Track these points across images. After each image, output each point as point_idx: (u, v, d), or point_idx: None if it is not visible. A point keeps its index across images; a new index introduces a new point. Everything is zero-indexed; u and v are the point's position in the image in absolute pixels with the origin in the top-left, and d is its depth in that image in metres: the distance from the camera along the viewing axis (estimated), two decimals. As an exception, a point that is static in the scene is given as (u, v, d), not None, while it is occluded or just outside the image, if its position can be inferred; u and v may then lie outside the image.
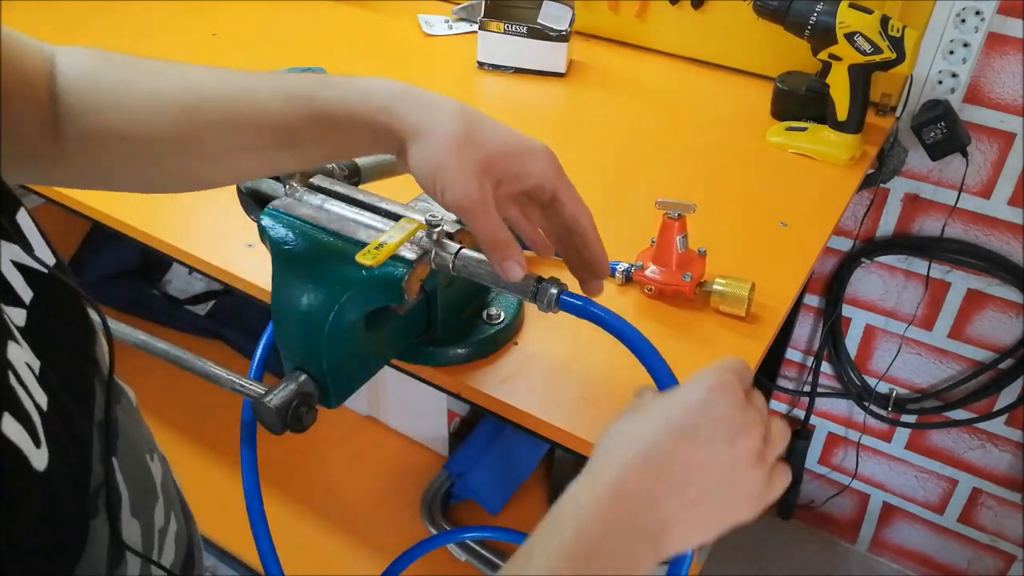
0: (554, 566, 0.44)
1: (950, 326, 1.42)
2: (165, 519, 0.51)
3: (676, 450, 0.46)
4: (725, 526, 0.47)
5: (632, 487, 0.45)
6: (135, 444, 0.49)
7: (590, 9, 1.39)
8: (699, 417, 0.47)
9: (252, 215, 0.74)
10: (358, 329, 0.64)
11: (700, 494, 0.45)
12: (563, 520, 0.45)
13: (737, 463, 0.46)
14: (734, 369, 0.49)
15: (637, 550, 0.45)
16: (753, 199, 1.04)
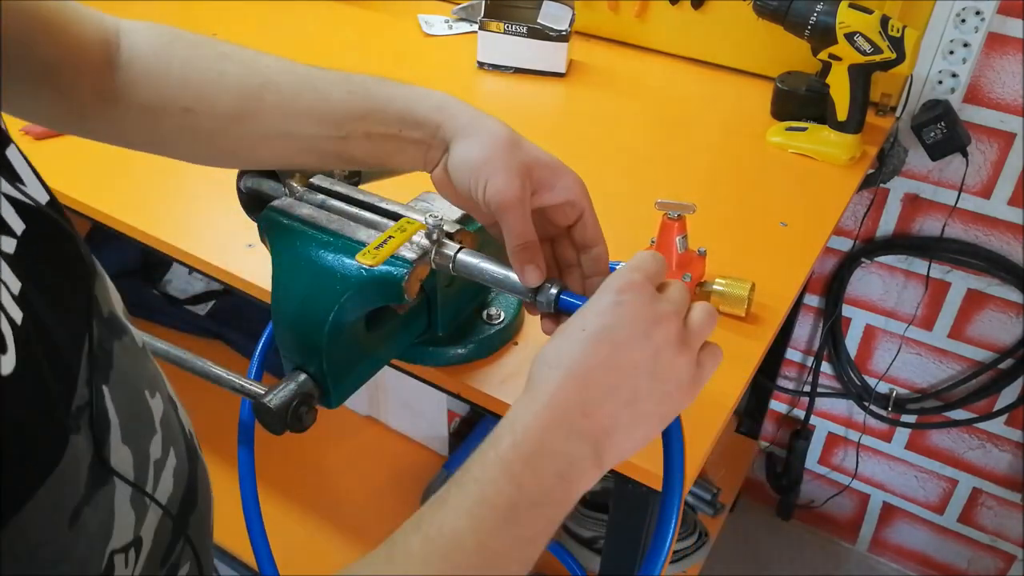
0: (491, 475, 0.45)
1: (950, 326, 1.42)
2: (163, 452, 0.52)
3: (597, 357, 0.47)
4: (666, 419, 0.49)
5: (563, 399, 0.46)
6: (132, 378, 0.50)
7: (590, 9, 1.39)
8: (612, 319, 0.48)
9: (252, 215, 0.74)
10: (358, 329, 0.64)
11: (631, 393, 0.47)
12: (500, 436, 0.46)
13: (660, 355, 0.48)
14: (641, 267, 0.51)
15: (575, 455, 0.46)
16: (753, 199, 1.04)
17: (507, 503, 0.44)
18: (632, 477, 0.68)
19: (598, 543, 1.45)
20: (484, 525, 0.44)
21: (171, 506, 0.52)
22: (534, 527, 0.45)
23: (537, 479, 0.45)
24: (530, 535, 0.45)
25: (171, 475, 0.52)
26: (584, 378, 0.47)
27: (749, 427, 1.72)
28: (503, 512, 0.44)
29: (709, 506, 1.52)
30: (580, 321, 0.49)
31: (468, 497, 0.45)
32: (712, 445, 0.69)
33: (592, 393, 0.47)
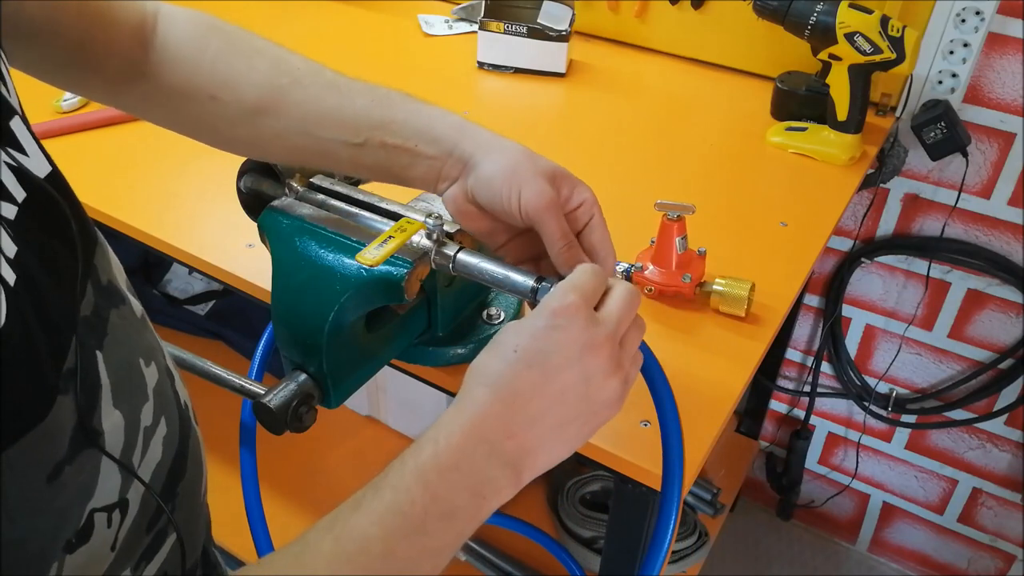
0: (406, 484, 0.45)
1: (950, 326, 1.42)
2: (154, 420, 0.52)
3: (527, 381, 0.47)
4: (590, 435, 0.51)
5: (488, 419, 0.47)
6: (127, 346, 0.51)
7: (590, 9, 1.39)
8: (545, 344, 0.48)
9: (252, 215, 0.74)
10: (358, 329, 0.64)
11: (558, 419, 0.48)
12: (421, 446, 0.47)
13: (591, 380, 0.48)
14: (579, 287, 0.50)
15: (493, 474, 0.47)
16: (753, 199, 1.04)
17: (418, 513, 0.45)
18: (632, 477, 0.68)
19: (598, 543, 1.45)
20: (393, 533, 0.44)
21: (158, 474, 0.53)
22: (443, 539, 0.46)
23: (451, 493, 0.46)
24: (438, 546, 0.46)
25: (160, 443, 0.53)
26: (511, 401, 0.47)
27: (749, 427, 1.72)
28: (413, 522, 0.45)
29: (709, 506, 1.52)
30: (514, 340, 0.49)
31: (381, 503, 0.45)
32: (712, 445, 0.69)
33: (518, 417, 0.47)
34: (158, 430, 0.53)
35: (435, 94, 1.27)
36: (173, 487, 0.55)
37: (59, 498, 0.42)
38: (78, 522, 0.44)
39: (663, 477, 0.55)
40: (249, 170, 0.73)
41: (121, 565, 0.49)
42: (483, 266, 0.60)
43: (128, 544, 0.49)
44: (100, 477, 0.46)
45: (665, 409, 0.56)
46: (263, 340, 0.75)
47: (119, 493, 0.48)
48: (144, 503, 0.50)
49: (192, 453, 0.58)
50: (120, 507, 0.48)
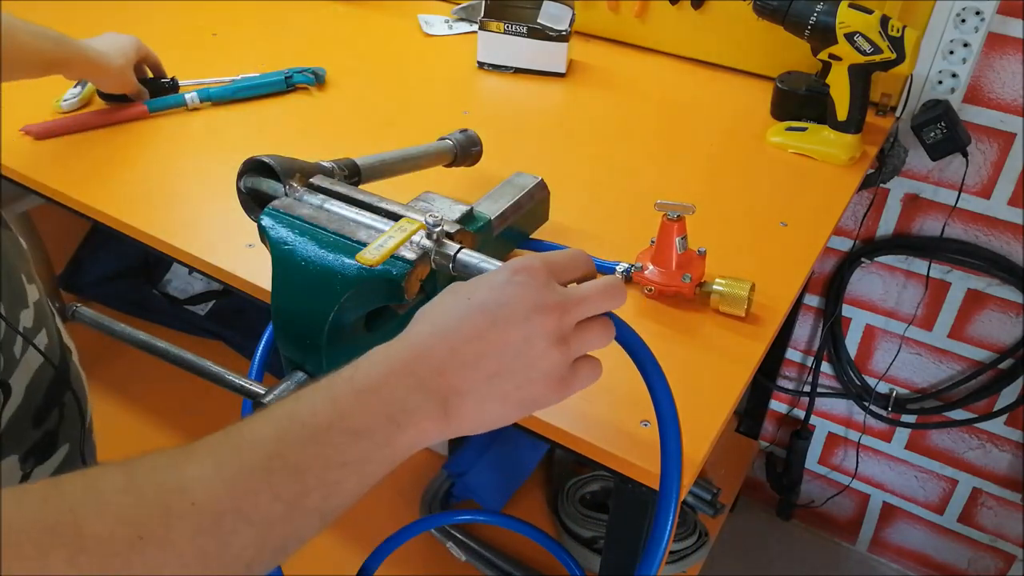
0: (313, 398, 0.44)
1: (950, 326, 1.42)
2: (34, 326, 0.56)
3: (473, 327, 0.47)
4: (525, 406, 0.49)
5: (423, 354, 0.47)
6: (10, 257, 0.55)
7: (590, 9, 1.39)
8: (499, 295, 0.48)
9: (252, 215, 0.74)
10: (358, 329, 0.64)
11: (493, 368, 0.47)
12: (341, 371, 0.46)
13: (533, 340, 0.48)
14: (548, 258, 0.51)
15: (413, 404, 0.46)
16: (753, 199, 1.04)
17: (320, 423, 0.43)
18: (632, 477, 0.68)
19: (598, 543, 1.45)
20: (288, 436, 0.42)
21: (40, 376, 0.56)
22: (346, 453, 0.43)
23: (362, 412, 0.44)
24: (340, 460, 0.43)
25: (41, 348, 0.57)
26: (452, 342, 0.47)
27: (749, 427, 1.72)
28: (312, 430, 0.43)
29: (709, 506, 1.52)
30: (469, 289, 0.50)
31: (281, 409, 0.44)
32: (712, 445, 0.69)
33: (455, 358, 0.47)
34: (38, 337, 0.56)
35: (435, 94, 1.27)
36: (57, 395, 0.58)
37: None
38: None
39: (661, 477, 0.55)
40: (249, 170, 0.73)
41: (8, 447, 0.52)
42: (483, 266, 0.60)
43: (14, 428, 0.52)
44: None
45: (664, 409, 0.56)
46: (263, 340, 0.75)
47: (1, 374, 0.50)
48: (28, 396, 0.53)
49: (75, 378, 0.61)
50: (3, 387, 0.51)
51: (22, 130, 1.09)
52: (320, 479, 0.42)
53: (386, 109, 1.22)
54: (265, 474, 0.41)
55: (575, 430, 0.70)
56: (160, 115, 1.17)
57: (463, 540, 1.47)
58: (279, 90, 1.23)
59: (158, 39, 1.28)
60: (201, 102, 1.18)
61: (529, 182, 0.87)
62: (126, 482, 0.38)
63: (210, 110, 1.19)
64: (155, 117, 1.17)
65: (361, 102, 1.24)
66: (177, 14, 1.48)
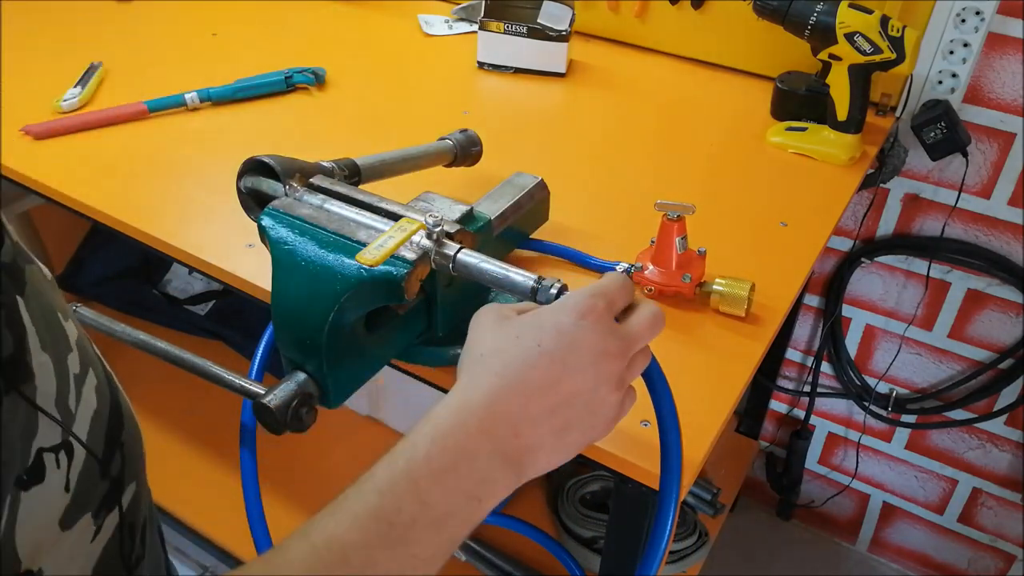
0: (395, 489, 0.43)
1: (950, 326, 1.42)
2: (81, 369, 0.53)
3: (545, 377, 0.46)
4: (582, 447, 0.49)
5: (498, 412, 0.45)
6: (45, 298, 0.51)
7: (590, 9, 1.39)
8: (568, 342, 0.47)
9: (252, 215, 0.74)
10: (358, 329, 0.64)
11: (564, 421, 0.47)
12: (415, 443, 0.44)
13: (599, 387, 0.47)
14: (606, 293, 0.50)
15: (494, 476, 0.45)
16: (753, 199, 1.04)
17: (406, 521, 0.42)
18: (632, 477, 0.68)
19: (598, 543, 1.45)
20: (376, 541, 0.41)
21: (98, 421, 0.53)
22: (431, 548, 0.43)
23: (446, 498, 0.43)
24: (427, 556, 0.43)
25: (93, 392, 0.53)
26: (527, 395, 0.46)
27: (749, 427, 1.72)
28: (400, 531, 0.41)
29: (709, 506, 1.52)
30: (535, 334, 0.48)
31: (365, 508, 0.42)
32: (712, 445, 0.69)
33: (528, 413, 0.45)
34: (87, 379, 0.53)
35: (435, 94, 1.27)
36: (116, 436, 0.55)
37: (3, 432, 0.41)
38: (26, 460, 0.45)
39: (661, 477, 0.55)
40: (249, 170, 0.73)
41: (80, 509, 0.50)
42: (483, 266, 0.60)
43: (83, 487, 0.50)
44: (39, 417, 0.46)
45: (664, 409, 0.56)
46: (263, 340, 0.75)
47: (61, 435, 0.48)
48: (91, 445, 0.51)
49: (125, 410, 0.58)
50: (65, 448, 0.49)
51: (22, 130, 1.09)
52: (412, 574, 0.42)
53: (386, 109, 1.22)
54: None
55: (575, 430, 0.70)
56: (160, 115, 1.17)
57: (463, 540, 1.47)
58: (279, 90, 1.23)
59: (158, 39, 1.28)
60: (201, 102, 1.18)
61: (529, 182, 0.87)
62: None
63: (210, 110, 1.19)
64: (155, 117, 1.17)
65: (361, 102, 1.24)
66: (177, 14, 1.48)
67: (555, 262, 0.90)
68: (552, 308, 0.50)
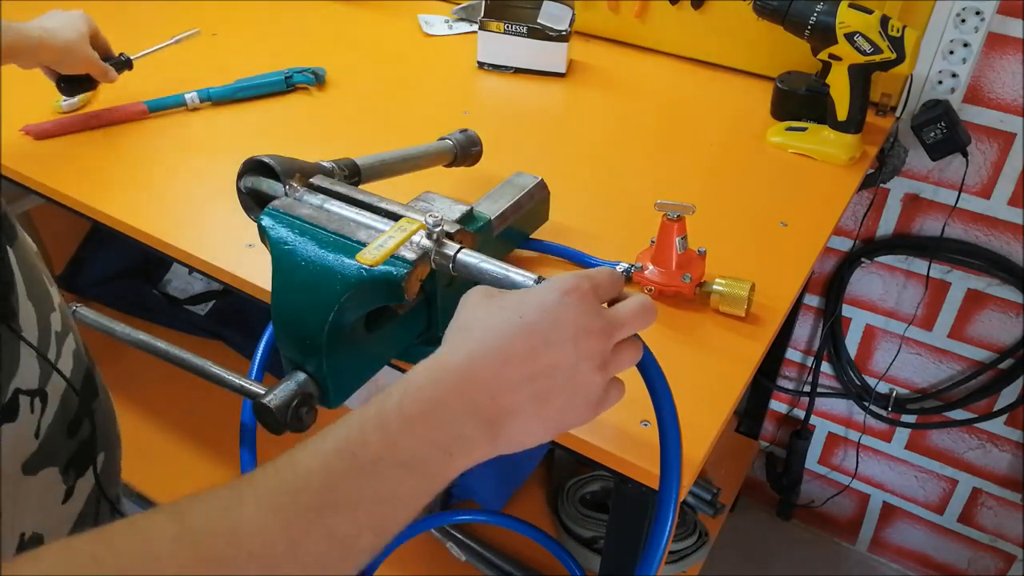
0: (364, 427, 0.43)
1: (950, 326, 1.42)
2: (63, 329, 0.54)
3: (525, 346, 0.47)
4: (563, 427, 0.49)
5: (473, 375, 0.46)
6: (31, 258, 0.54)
7: (590, 9, 1.39)
8: (550, 317, 0.48)
9: (252, 215, 0.74)
10: (358, 329, 0.64)
11: (543, 391, 0.47)
12: (390, 393, 0.45)
13: (580, 364, 0.48)
14: (594, 278, 0.51)
15: (466, 433, 0.45)
16: (753, 199, 1.04)
17: (372, 457, 0.42)
18: (632, 477, 0.68)
19: (598, 543, 1.45)
20: (338, 468, 0.42)
21: (74, 380, 0.55)
22: (397, 487, 0.43)
23: (415, 444, 0.43)
24: (391, 494, 0.43)
25: (71, 355, 0.55)
26: (505, 362, 0.46)
27: (749, 427, 1.72)
28: (363, 463, 0.42)
29: (709, 506, 1.52)
30: (518, 307, 0.49)
31: (332, 442, 0.43)
32: (712, 445, 0.69)
33: (506, 379, 0.46)
34: (67, 341, 0.55)
35: (435, 94, 1.27)
36: (88, 402, 0.57)
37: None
38: (3, 397, 0.48)
39: (661, 477, 0.55)
40: (249, 170, 0.73)
41: (48, 458, 0.52)
42: (483, 266, 0.60)
43: (51, 439, 0.52)
44: (21, 359, 0.49)
45: (664, 409, 0.56)
46: (263, 340, 0.75)
47: (39, 382, 0.51)
48: (64, 402, 0.53)
49: (100, 384, 0.60)
50: (40, 396, 0.51)
51: (22, 130, 1.09)
52: (371, 514, 0.42)
53: (386, 109, 1.22)
54: (318, 515, 0.40)
55: (575, 430, 0.70)
56: (160, 115, 1.17)
57: (463, 540, 1.47)
58: (279, 90, 1.23)
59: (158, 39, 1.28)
60: (201, 102, 1.18)
61: (529, 182, 0.87)
62: (177, 530, 0.37)
63: (210, 110, 1.19)
64: (155, 117, 1.17)
65: (361, 102, 1.24)
66: (177, 14, 1.48)
67: (555, 262, 0.90)
68: (538, 287, 0.51)
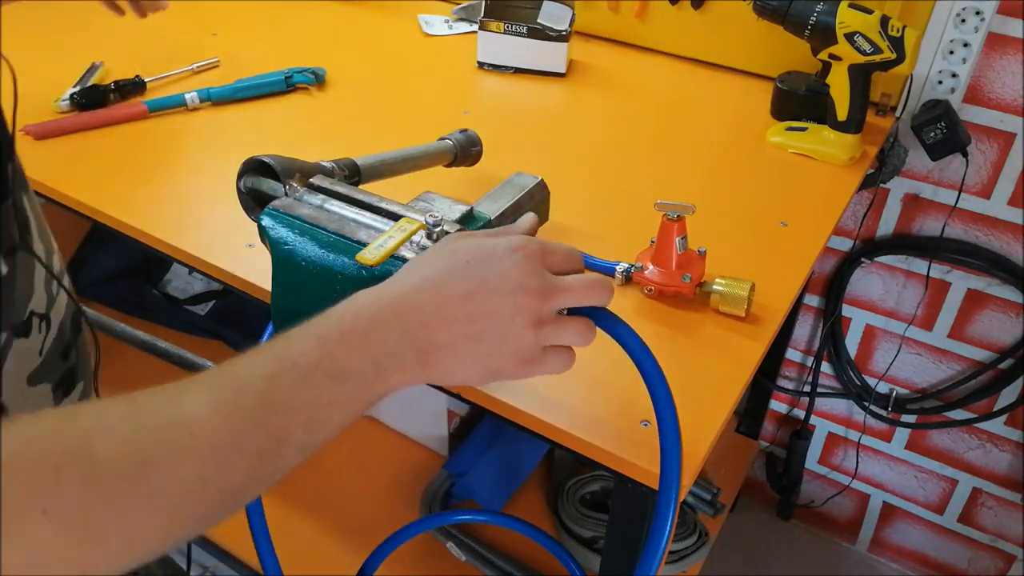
0: (303, 338, 0.47)
1: (950, 326, 1.42)
2: (59, 270, 0.62)
3: (464, 288, 0.50)
4: (493, 373, 0.51)
5: (412, 304, 0.49)
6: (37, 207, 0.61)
7: (590, 9, 1.39)
8: (496, 268, 0.51)
9: (252, 215, 0.74)
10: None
11: (475, 332, 0.49)
12: (330, 313, 0.49)
13: (515, 317, 0.50)
14: (545, 243, 0.54)
15: (397, 352, 0.48)
16: (753, 199, 1.04)
17: (309, 363, 0.45)
18: (632, 477, 0.68)
19: (598, 543, 1.45)
20: (279, 377, 0.45)
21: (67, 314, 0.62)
22: (332, 394, 0.46)
23: (348, 355, 0.46)
24: (326, 400, 0.46)
25: (64, 293, 0.62)
26: (442, 297, 0.49)
27: (749, 427, 1.72)
28: (302, 371, 0.45)
29: (709, 506, 1.52)
30: (465, 252, 0.52)
31: (275, 349, 0.46)
32: (712, 445, 0.69)
33: (442, 313, 0.49)
34: (64, 280, 0.62)
35: (435, 94, 1.28)
36: (75, 335, 0.64)
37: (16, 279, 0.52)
38: (21, 316, 0.55)
39: (661, 477, 0.55)
40: (249, 170, 0.73)
41: (46, 375, 0.59)
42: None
43: (49, 358, 0.59)
44: (35, 285, 0.57)
45: (664, 409, 0.56)
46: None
47: (45, 308, 0.59)
48: (60, 329, 0.62)
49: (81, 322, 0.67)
50: (46, 320, 0.59)
51: (22, 130, 1.09)
52: (308, 417, 0.45)
53: (386, 109, 1.22)
54: (258, 413, 0.43)
55: (575, 430, 0.70)
56: (160, 115, 1.17)
57: (463, 540, 1.47)
58: (279, 90, 1.23)
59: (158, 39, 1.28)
60: (201, 102, 1.18)
61: (529, 182, 0.87)
62: (130, 410, 0.41)
63: (210, 110, 1.19)
64: (155, 117, 1.17)
65: (361, 102, 1.24)
66: (177, 14, 1.48)
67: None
68: (495, 239, 0.53)
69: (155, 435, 0.40)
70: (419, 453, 1.68)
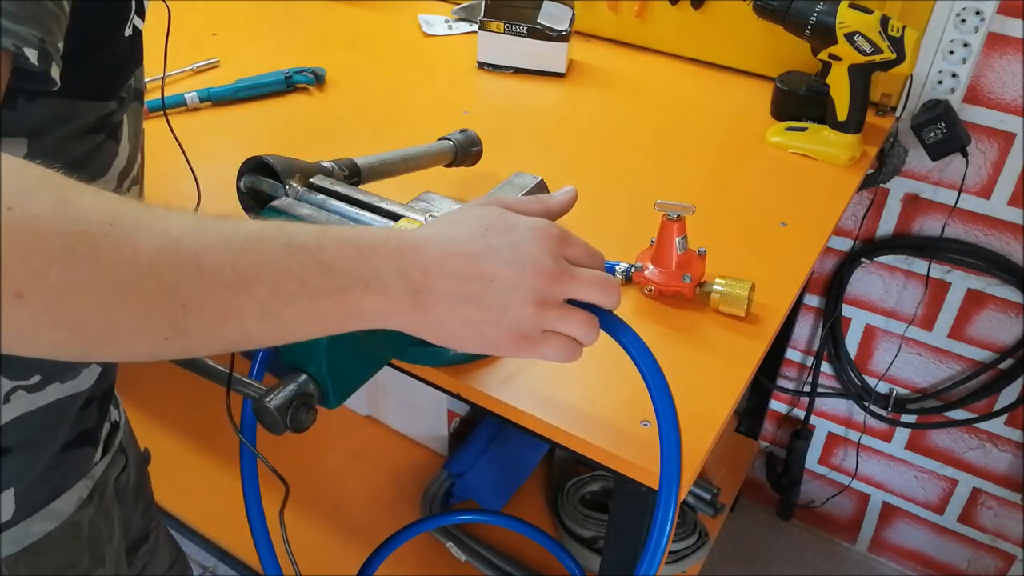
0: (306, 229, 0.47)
1: (950, 326, 1.42)
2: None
3: (473, 250, 0.50)
4: (484, 343, 0.50)
5: (416, 248, 0.49)
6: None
7: (590, 9, 1.39)
8: (511, 239, 0.50)
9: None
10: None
11: (474, 293, 0.49)
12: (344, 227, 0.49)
13: (519, 290, 0.49)
14: (568, 232, 0.53)
15: (389, 278, 0.47)
16: (753, 199, 1.04)
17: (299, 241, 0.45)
18: (632, 477, 0.68)
19: (598, 543, 1.45)
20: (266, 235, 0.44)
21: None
22: (309, 275, 0.45)
23: (339, 256, 0.46)
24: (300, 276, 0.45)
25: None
26: (448, 251, 0.49)
27: (749, 427, 1.72)
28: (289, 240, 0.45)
29: (709, 506, 1.52)
30: (488, 220, 0.51)
31: (275, 221, 0.47)
32: (711, 445, 0.69)
33: (444, 266, 0.49)
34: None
35: (435, 94, 1.28)
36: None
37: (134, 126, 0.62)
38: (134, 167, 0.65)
39: (661, 477, 0.55)
40: (249, 170, 0.73)
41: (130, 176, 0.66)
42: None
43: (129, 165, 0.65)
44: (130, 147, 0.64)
45: (664, 409, 0.56)
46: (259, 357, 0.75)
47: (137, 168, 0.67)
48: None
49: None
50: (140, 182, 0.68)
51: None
52: (274, 279, 0.44)
53: (386, 109, 1.22)
54: (234, 249, 0.43)
55: (575, 430, 0.70)
56: (160, 115, 1.17)
57: (463, 540, 1.47)
58: (279, 90, 1.23)
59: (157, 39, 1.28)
60: (201, 102, 1.18)
61: (529, 182, 0.87)
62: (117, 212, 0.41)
63: (210, 110, 1.19)
64: (155, 117, 1.17)
65: (361, 102, 1.24)
66: (177, 14, 1.48)
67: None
68: (520, 215, 0.53)
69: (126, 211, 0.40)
70: (419, 453, 1.68)
